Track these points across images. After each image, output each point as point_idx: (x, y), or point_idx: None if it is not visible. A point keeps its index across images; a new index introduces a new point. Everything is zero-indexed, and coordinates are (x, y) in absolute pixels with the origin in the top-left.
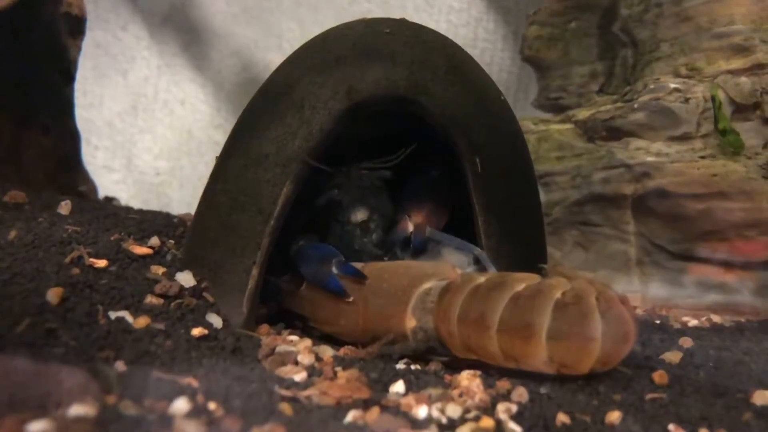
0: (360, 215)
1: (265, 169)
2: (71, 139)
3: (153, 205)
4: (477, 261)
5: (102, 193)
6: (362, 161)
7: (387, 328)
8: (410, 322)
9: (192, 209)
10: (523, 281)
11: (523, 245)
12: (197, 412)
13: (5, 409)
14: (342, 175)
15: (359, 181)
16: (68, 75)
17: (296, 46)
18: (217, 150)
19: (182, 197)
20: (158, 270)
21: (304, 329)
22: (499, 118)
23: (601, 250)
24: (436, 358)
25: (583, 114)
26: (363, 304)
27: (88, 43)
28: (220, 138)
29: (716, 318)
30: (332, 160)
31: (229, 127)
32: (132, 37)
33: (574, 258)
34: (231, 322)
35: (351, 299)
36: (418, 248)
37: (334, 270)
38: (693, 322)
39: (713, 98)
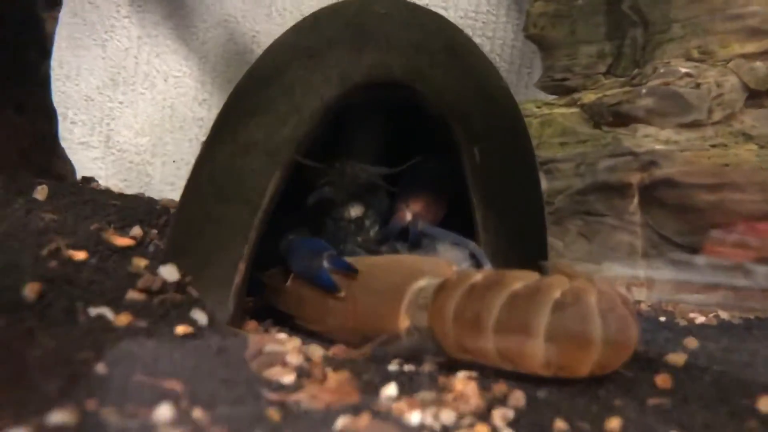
0: (354, 211)
1: (253, 158)
2: (47, 117)
3: (133, 185)
4: (473, 257)
5: (79, 170)
6: (356, 153)
7: (379, 327)
8: (403, 322)
9: (175, 189)
10: (520, 279)
11: (522, 240)
12: (181, 419)
13: None
14: (335, 171)
15: (354, 177)
16: (44, 50)
17: (287, 16)
18: (202, 126)
19: (164, 176)
20: (140, 263)
21: (293, 326)
22: (499, 105)
23: (605, 241)
24: (430, 358)
25: (589, 97)
26: (353, 302)
27: (64, 11)
28: (205, 114)
29: (724, 314)
30: (325, 151)
31: (214, 102)
32: (111, 4)
33: (577, 249)
34: (217, 318)
35: (342, 294)
36: (415, 240)
37: (326, 264)
38: (700, 319)
39: None
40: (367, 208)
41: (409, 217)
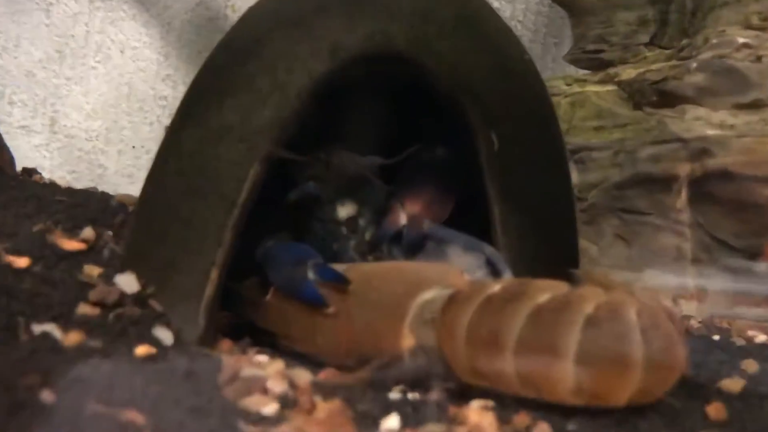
0: (345, 211)
1: (228, 146)
2: None
3: (84, 177)
4: (489, 263)
5: (19, 160)
6: (348, 142)
7: (377, 347)
8: (407, 341)
9: (134, 182)
10: (547, 290)
11: (548, 243)
12: None
13: None
14: (320, 163)
15: (343, 169)
16: None
17: None
18: (165, 107)
19: (120, 167)
20: (93, 271)
21: (274, 346)
22: (521, 82)
23: (647, 244)
24: (438, 384)
25: (628, 73)
26: (346, 318)
27: None
28: (169, 92)
29: None
30: (315, 139)
31: (180, 78)
32: None
33: (614, 254)
34: (184, 337)
35: (331, 310)
36: (411, 245)
37: (311, 275)
38: (760, 338)
39: None
40: (361, 207)
41: (403, 218)
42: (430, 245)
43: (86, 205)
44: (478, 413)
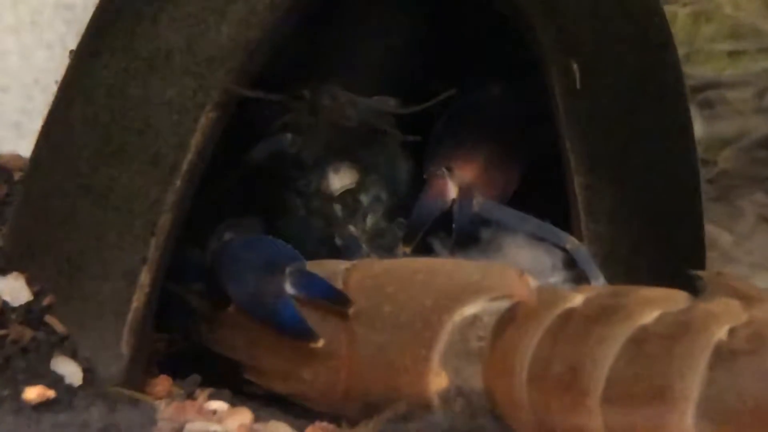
0: (340, 180)
1: (166, 81)
2: None
3: None
4: (569, 262)
5: None
6: (344, 74)
7: (392, 389)
8: (437, 380)
9: (21, 134)
10: (654, 305)
11: (657, 232)
12: None
13: None
14: (303, 105)
15: (337, 115)
16: None
17: None
18: (72, 22)
19: (4, 112)
20: None
21: (238, 384)
22: None
23: None
24: None
25: None
26: (348, 344)
27: None
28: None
29: None
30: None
31: None
32: None
33: (759, 246)
34: (99, 373)
35: (321, 343)
36: (464, 233)
37: (289, 288)
38: None
39: None
40: (363, 175)
41: (453, 190)
42: (484, 233)
43: None
44: None
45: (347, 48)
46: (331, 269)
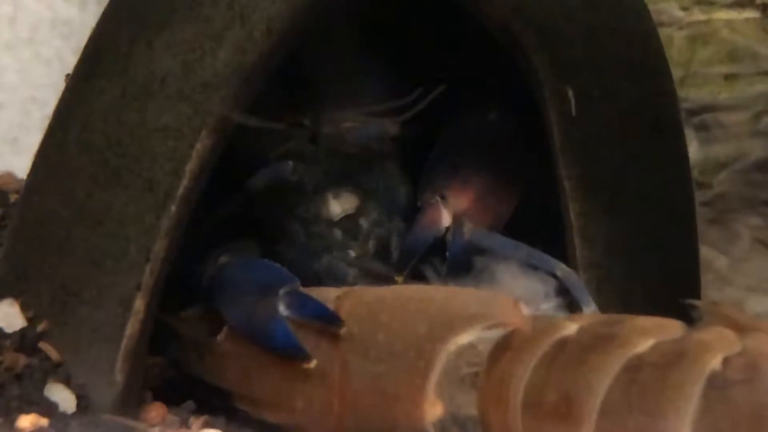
0: (340, 205)
1: (162, 107)
2: None
3: None
4: (562, 290)
5: None
6: (344, 100)
7: (387, 418)
8: (432, 409)
9: (18, 151)
10: (649, 333)
11: (652, 258)
12: None
13: None
14: (303, 132)
15: (337, 142)
16: None
17: None
18: (69, 38)
19: (1, 130)
20: None
21: (231, 413)
22: (611, 9)
23: None
24: None
25: None
26: (341, 372)
27: None
28: (75, 15)
29: None
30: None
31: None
32: None
33: (755, 270)
34: (93, 400)
35: (313, 364)
36: (458, 261)
37: (283, 310)
38: None
39: None
40: (364, 200)
41: (446, 218)
42: (477, 262)
43: None
44: None
45: (346, 75)
46: (323, 297)
